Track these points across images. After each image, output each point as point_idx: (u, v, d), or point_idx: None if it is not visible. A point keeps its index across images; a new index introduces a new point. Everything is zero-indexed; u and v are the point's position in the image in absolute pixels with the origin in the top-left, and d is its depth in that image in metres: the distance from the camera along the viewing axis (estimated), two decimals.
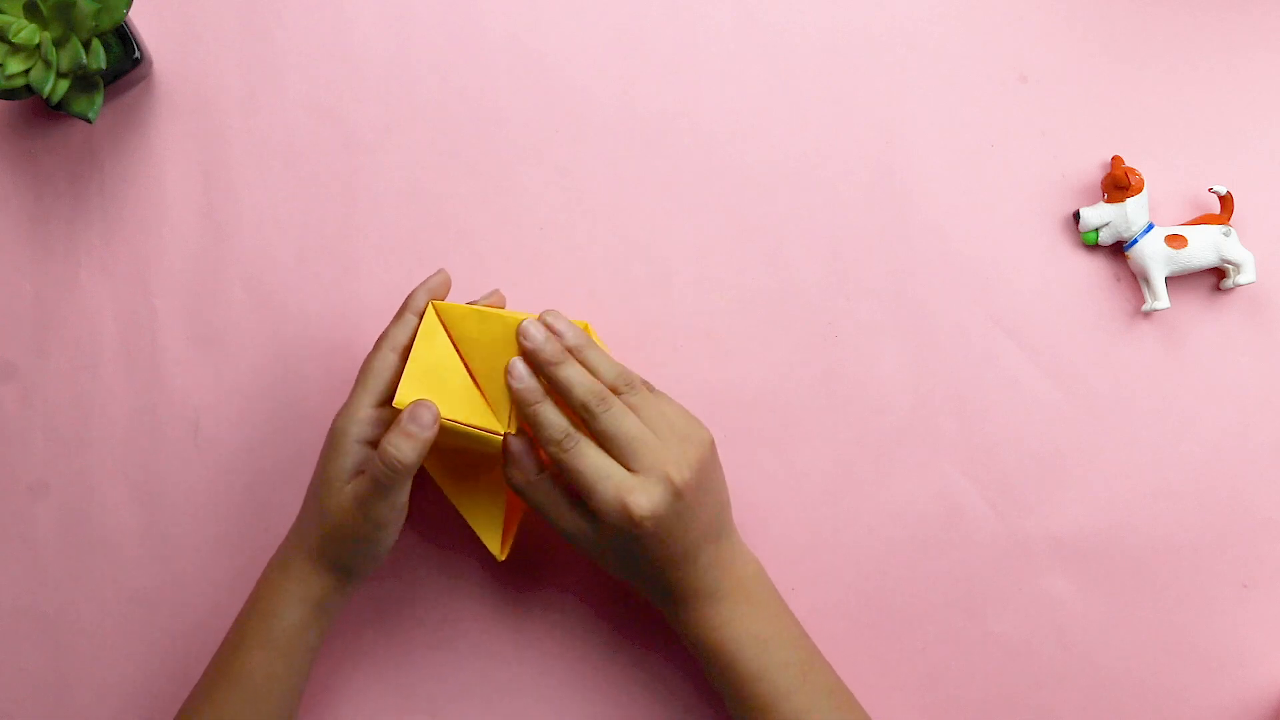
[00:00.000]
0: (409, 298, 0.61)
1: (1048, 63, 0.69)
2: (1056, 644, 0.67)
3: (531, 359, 0.58)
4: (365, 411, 0.58)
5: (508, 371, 0.58)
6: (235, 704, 0.59)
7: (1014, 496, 0.67)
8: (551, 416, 0.57)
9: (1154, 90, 0.69)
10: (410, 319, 0.60)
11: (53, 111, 0.69)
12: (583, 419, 0.58)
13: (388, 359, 0.59)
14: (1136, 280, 0.68)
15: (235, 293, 0.69)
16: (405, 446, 0.55)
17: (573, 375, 0.58)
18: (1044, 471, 0.67)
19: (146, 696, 0.67)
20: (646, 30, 0.70)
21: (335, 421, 0.59)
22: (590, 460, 0.57)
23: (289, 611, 0.59)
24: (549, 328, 0.58)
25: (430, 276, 0.62)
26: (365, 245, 0.69)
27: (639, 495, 0.56)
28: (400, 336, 0.59)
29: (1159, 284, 0.66)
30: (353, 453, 0.58)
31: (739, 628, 0.59)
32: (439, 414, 0.56)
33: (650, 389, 0.60)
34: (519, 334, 0.58)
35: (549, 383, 0.58)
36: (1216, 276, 0.68)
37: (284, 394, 0.68)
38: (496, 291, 0.64)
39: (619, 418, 0.57)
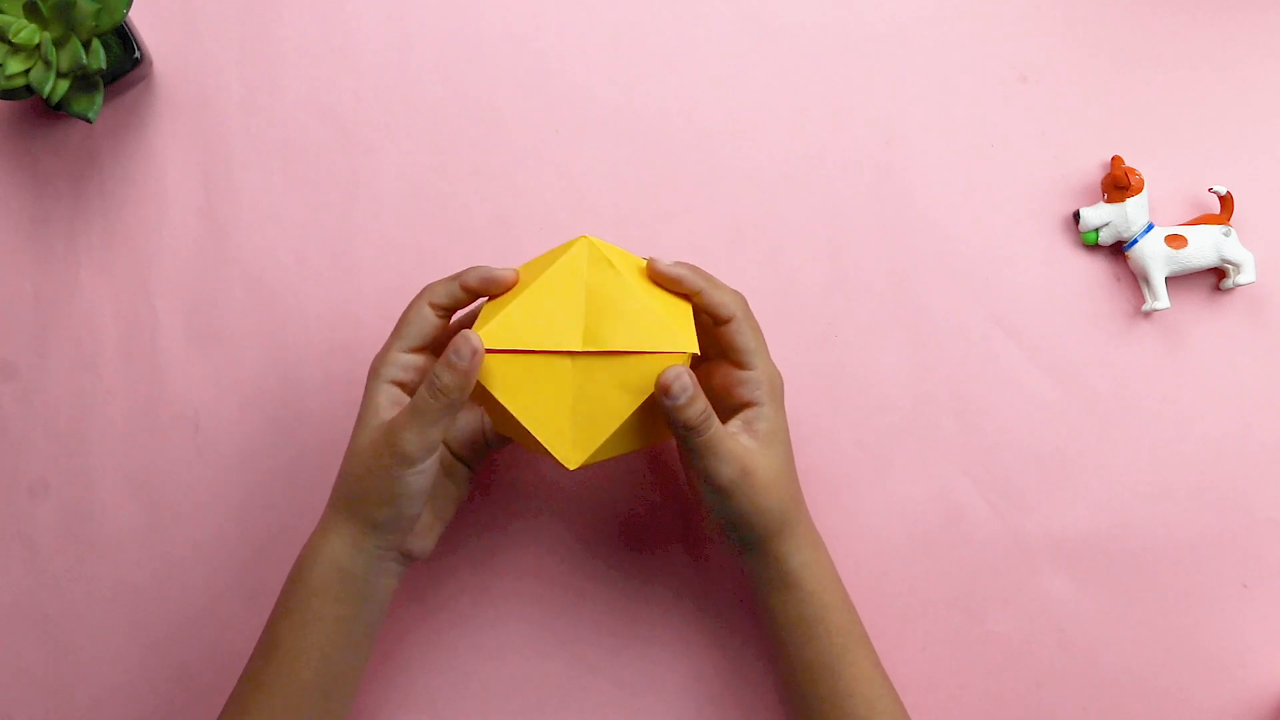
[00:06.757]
0: (468, 270, 0.59)
1: (1048, 63, 0.69)
2: (1056, 644, 0.67)
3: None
4: (395, 355, 0.59)
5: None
6: (270, 674, 0.57)
7: (1014, 496, 0.67)
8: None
9: (1154, 90, 0.69)
10: (456, 288, 0.59)
11: (53, 111, 0.69)
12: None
13: (423, 311, 0.59)
14: (1136, 280, 0.68)
15: (235, 293, 0.69)
16: (445, 376, 0.55)
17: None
18: (1044, 471, 0.67)
19: (146, 696, 0.67)
20: (646, 30, 0.70)
21: (371, 366, 0.59)
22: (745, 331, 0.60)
23: (311, 571, 0.58)
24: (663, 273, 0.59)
25: (504, 271, 0.59)
26: (365, 245, 0.69)
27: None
28: (440, 295, 0.59)
29: (1159, 284, 0.66)
30: (384, 391, 0.58)
31: (832, 572, 0.61)
32: (480, 348, 0.55)
33: None
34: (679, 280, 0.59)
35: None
36: (1216, 276, 0.68)
37: (284, 394, 0.68)
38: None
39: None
